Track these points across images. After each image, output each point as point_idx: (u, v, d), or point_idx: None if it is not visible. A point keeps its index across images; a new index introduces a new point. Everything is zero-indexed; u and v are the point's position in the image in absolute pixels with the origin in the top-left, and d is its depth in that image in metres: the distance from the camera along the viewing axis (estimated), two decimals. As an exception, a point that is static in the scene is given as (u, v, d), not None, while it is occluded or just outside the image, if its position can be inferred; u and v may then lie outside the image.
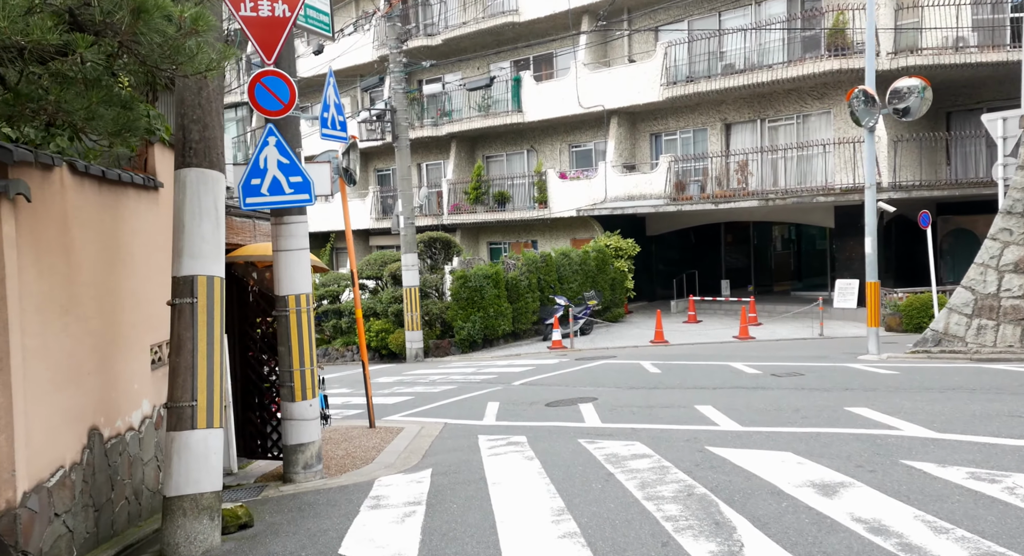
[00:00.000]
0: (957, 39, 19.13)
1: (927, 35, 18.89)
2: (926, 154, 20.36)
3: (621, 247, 22.18)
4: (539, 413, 10.04)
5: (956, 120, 21.23)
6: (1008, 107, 21.33)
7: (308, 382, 7.38)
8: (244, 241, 8.28)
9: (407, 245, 18.16)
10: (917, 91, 11.99)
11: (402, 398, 12.82)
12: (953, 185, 19.25)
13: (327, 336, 20.99)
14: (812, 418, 7.58)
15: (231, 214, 7.99)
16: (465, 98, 26.69)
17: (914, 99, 12.04)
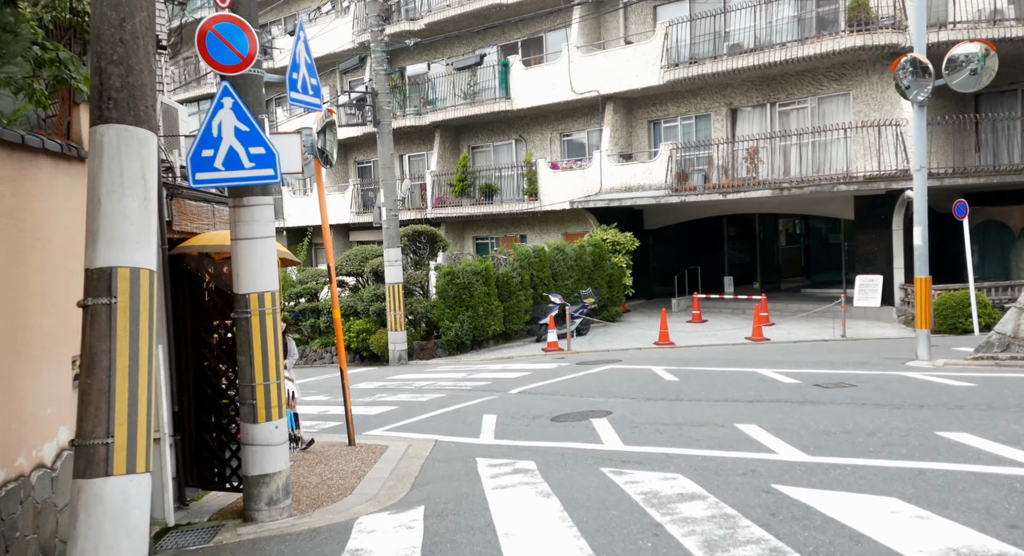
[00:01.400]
0: (994, 12, 17.76)
1: (960, 6, 17.48)
2: (954, 139, 19.07)
3: (618, 241, 20.82)
4: (545, 430, 8.62)
5: (986, 103, 19.79)
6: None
7: (274, 399, 5.92)
8: (200, 229, 6.80)
9: (389, 239, 16.67)
10: (977, 59, 10.65)
11: (385, 408, 11.35)
12: (989, 172, 17.90)
13: (305, 336, 19.44)
14: (898, 446, 6.19)
15: (184, 196, 6.51)
16: (450, 86, 25.18)
17: (970, 70, 10.70)
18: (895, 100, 18.11)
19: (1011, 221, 20.17)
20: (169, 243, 6.10)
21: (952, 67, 11.02)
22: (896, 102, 18.08)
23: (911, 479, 5.20)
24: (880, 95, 18.77)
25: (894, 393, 8.50)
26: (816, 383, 9.79)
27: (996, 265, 20.07)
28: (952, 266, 20.98)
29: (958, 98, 20.11)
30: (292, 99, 6.43)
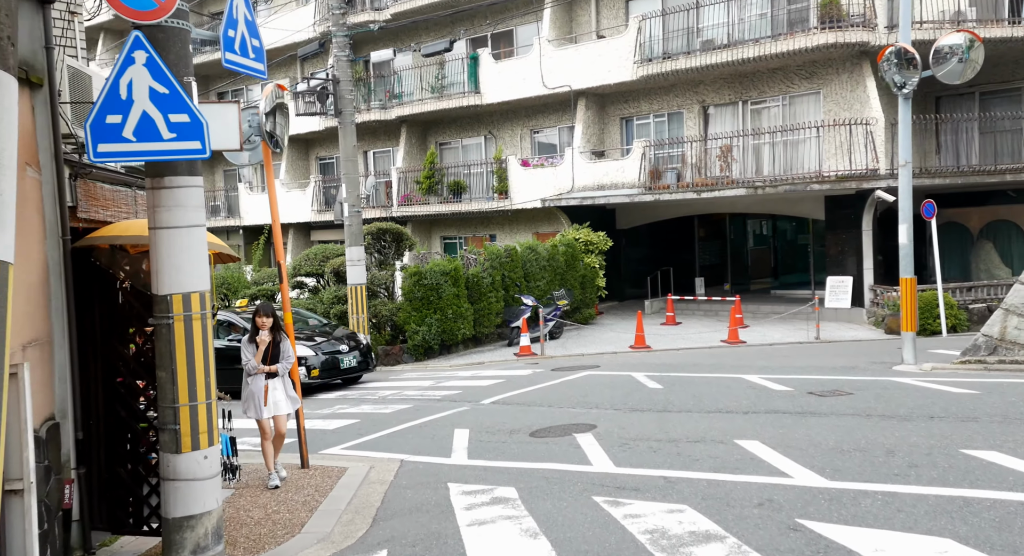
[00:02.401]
0: (957, 13, 17.49)
1: (926, 7, 17.17)
2: (916, 141, 18.66)
3: (591, 241, 20.03)
4: (524, 447, 7.75)
5: (946, 105, 19.65)
6: (1002, 92, 19.94)
7: (202, 422, 4.96)
8: (117, 217, 5.79)
9: (352, 237, 15.66)
10: (961, 50, 10.03)
11: (345, 422, 10.38)
12: (955, 173, 17.57)
13: (259, 343, 18.34)
14: (925, 468, 5.45)
15: (95, 177, 5.49)
16: (417, 79, 24.21)
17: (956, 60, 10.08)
18: (865, 99, 17.73)
19: (970, 223, 19.97)
20: (74, 234, 5.08)
21: (938, 58, 10.41)
22: (866, 101, 17.69)
23: (958, 512, 4.45)
24: (850, 94, 18.32)
25: (897, 402, 7.80)
26: (810, 391, 9.09)
27: (956, 266, 19.89)
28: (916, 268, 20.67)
29: (919, 100, 19.79)
30: (227, 62, 5.45)
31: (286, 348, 7.40)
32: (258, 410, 7.19)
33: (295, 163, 28.58)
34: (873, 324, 17.51)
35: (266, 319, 7.29)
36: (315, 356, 13.05)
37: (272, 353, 7.29)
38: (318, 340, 13.52)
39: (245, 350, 7.25)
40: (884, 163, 17.31)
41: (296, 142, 28.33)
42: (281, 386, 7.37)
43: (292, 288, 18.49)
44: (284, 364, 7.40)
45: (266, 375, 7.24)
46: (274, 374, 7.29)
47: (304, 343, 13.01)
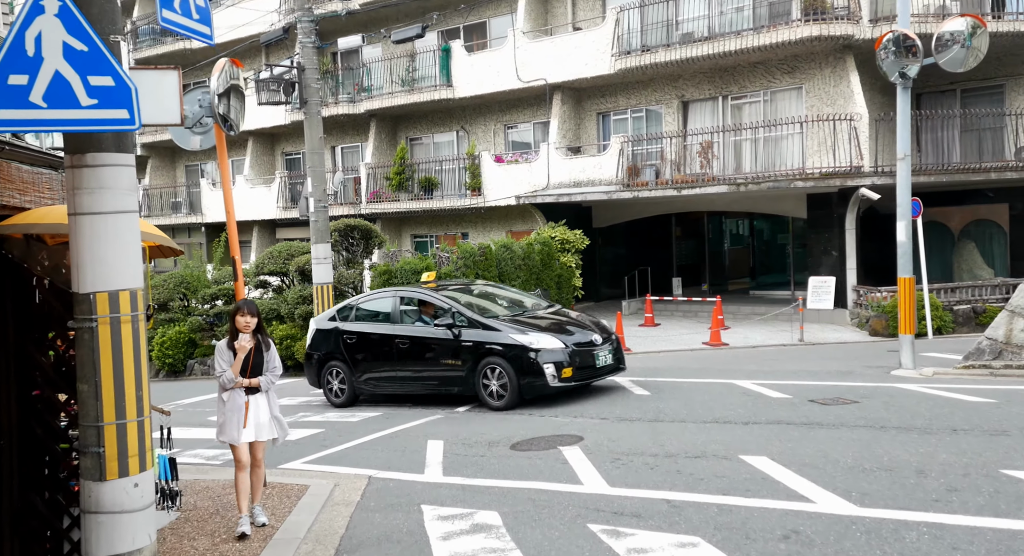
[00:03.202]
0: (941, 7, 17.16)
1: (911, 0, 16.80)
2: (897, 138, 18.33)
3: (568, 239, 19.35)
4: (505, 463, 7.05)
5: (927, 102, 19.33)
6: (984, 89, 19.67)
7: (132, 445, 4.19)
8: (37, 203, 4.97)
9: (318, 234, 14.80)
10: (963, 37, 9.53)
11: (309, 431, 9.59)
12: (939, 171, 17.19)
13: (218, 345, 17.42)
14: (967, 491, 4.84)
15: (8, 156, 4.68)
16: (387, 71, 23.38)
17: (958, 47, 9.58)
18: (848, 94, 17.33)
19: (951, 222, 19.70)
20: (-23, 221, 4.28)
21: (939, 45, 9.91)
22: (849, 96, 17.29)
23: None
24: (833, 89, 17.91)
25: (910, 412, 7.22)
26: (811, 398, 8.50)
27: (937, 267, 19.61)
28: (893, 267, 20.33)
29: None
30: (164, 21, 4.66)
31: (271, 357, 5.99)
32: (235, 432, 5.77)
33: (260, 158, 27.58)
34: (857, 326, 17.08)
35: (249, 319, 5.82)
36: (564, 350, 9.44)
37: (254, 362, 5.84)
38: (570, 329, 9.95)
39: (219, 358, 5.84)
40: (868, 160, 16.89)
41: (261, 136, 27.36)
42: (265, 404, 5.94)
43: (255, 288, 17.58)
44: (270, 377, 5.96)
45: (246, 390, 5.83)
46: (256, 389, 5.87)
47: (549, 333, 9.64)
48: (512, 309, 10.73)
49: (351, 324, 11.20)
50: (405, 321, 10.68)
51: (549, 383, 9.27)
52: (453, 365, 9.92)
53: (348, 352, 11.04)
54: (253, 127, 26.13)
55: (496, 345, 9.52)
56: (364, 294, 11.77)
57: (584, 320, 10.62)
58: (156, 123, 4.55)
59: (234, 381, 5.77)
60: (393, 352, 10.51)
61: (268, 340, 6.05)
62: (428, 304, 10.58)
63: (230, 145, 28.47)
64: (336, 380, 11.26)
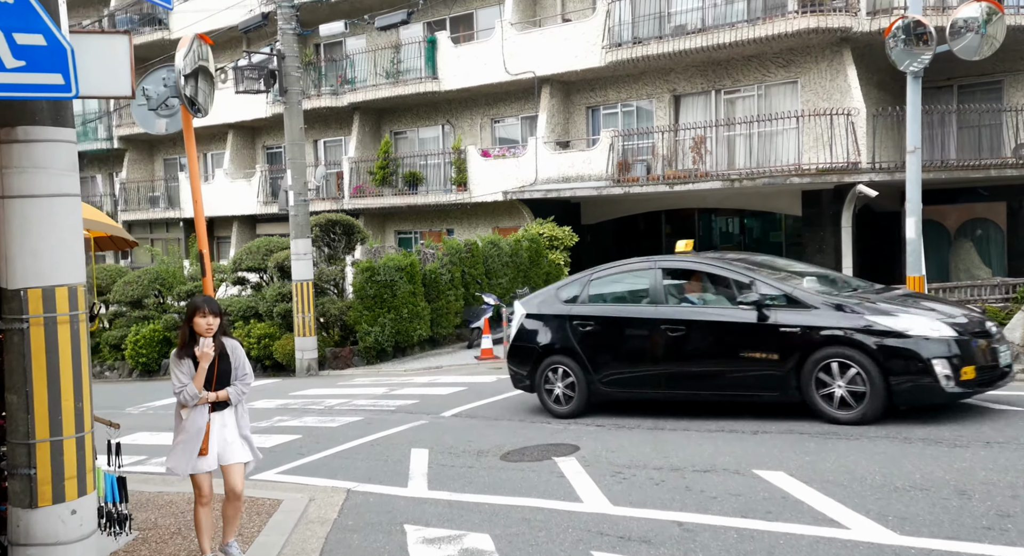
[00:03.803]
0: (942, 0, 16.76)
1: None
2: (891, 134, 17.99)
3: (556, 236, 18.84)
4: (496, 475, 6.51)
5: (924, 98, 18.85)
6: (981, 84, 19.31)
7: (69, 466, 3.61)
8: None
9: (298, 228, 14.20)
10: (978, 24, 9.09)
11: (284, 437, 8.99)
12: (938, 168, 16.80)
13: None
14: (1020, 516, 4.33)
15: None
16: (370, 63, 22.72)
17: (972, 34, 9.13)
18: (845, 88, 16.92)
19: (947, 221, 19.35)
20: None
21: (953, 32, 9.46)
22: (846, 91, 16.87)
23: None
24: (829, 83, 17.49)
25: (934, 421, 6.68)
26: (821, 405, 7.93)
27: (933, 266, 19.23)
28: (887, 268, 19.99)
29: (895, 91, 19.09)
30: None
31: (240, 362, 4.85)
32: (190, 458, 4.66)
33: (240, 152, 26.82)
34: (852, 325, 16.65)
35: (211, 319, 4.66)
36: (957, 339, 6.68)
37: (219, 370, 4.73)
38: (945, 311, 7.21)
39: (176, 371, 4.66)
40: (865, 156, 16.49)
41: (241, 130, 26.61)
42: (233, 421, 4.83)
43: (233, 284, 16.93)
44: (240, 386, 4.82)
45: (212, 406, 4.72)
46: (223, 404, 4.78)
47: (927, 314, 7.00)
48: (829, 285, 8.00)
49: (586, 307, 8.56)
50: (670, 301, 8.09)
51: (942, 386, 6.51)
52: (762, 360, 7.21)
53: (583, 344, 8.34)
54: (233, 120, 25.40)
55: (841, 331, 6.81)
56: (598, 268, 9.21)
57: (943, 299, 7.85)
58: (103, 95, 3.99)
59: (199, 396, 4.62)
60: (658, 343, 7.89)
61: (234, 342, 4.96)
62: (698, 279, 8.28)
63: (209, 138, 27.72)
64: (561, 382, 8.52)
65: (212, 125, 26.06)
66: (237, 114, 25.12)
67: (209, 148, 28.17)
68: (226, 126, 26.07)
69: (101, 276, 17.77)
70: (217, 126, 26.10)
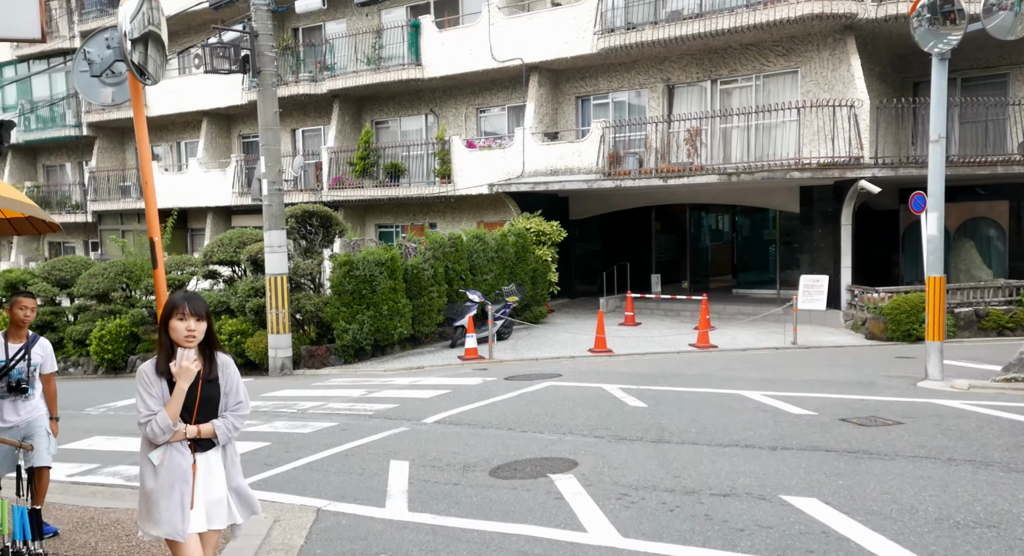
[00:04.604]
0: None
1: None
2: (892, 129, 17.39)
3: (544, 231, 18.09)
4: (485, 495, 5.76)
5: (924, 92, 18.30)
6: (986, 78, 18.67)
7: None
8: None
9: (272, 219, 13.34)
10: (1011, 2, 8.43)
11: (251, 445, 8.15)
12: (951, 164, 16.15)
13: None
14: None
15: None
16: (351, 49, 21.84)
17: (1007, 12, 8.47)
18: (848, 79, 16.29)
19: (947, 220, 18.67)
20: None
21: (986, 10, 8.82)
22: (850, 81, 16.24)
23: None
24: (831, 73, 16.86)
25: (977, 440, 6.07)
26: (841, 417, 7.32)
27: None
28: (883, 267, 19.47)
29: (896, 85, 18.58)
30: None
31: (231, 384, 3.55)
32: (175, 518, 3.35)
33: (215, 141, 25.83)
34: (851, 328, 16.09)
35: (194, 323, 3.39)
36: None
37: (203, 395, 3.45)
38: None
39: (143, 392, 3.38)
40: (868, 150, 15.87)
41: (216, 117, 25.63)
42: (219, 468, 3.50)
43: (204, 278, 16.03)
44: (232, 420, 3.50)
45: (193, 444, 3.43)
46: (206, 442, 3.46)
47: None
48: None
49: None
50: None
51: None
52: None
53: None
54: (207, 107, 24.47)
55: None
56: None
57: None
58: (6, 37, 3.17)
59: (173, 430, 3.35)
60: None
61: (226, 358, 3.58)
62: None
63: (183, 126, 26.72)
64: None
65: (185, 112, 25.11)
66: (211, 101, 24.21)
67: (182, 136, 27.18)
68: (200, 113, 25.12)
69: (65, 268, 16.79)
70: (190, 113, 25.15)
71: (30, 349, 5.33)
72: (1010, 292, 15.33)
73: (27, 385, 5.23)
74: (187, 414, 3.42)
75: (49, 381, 5.49)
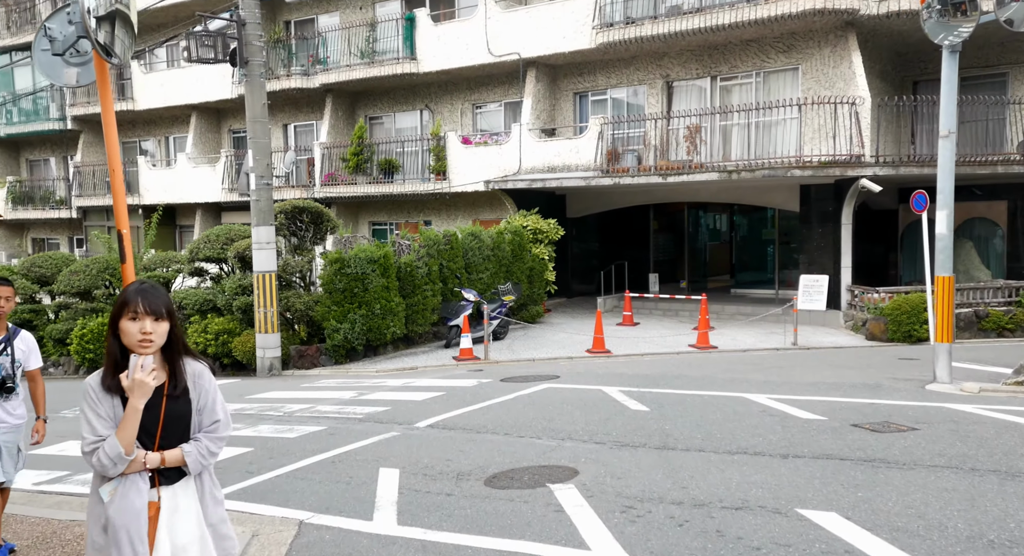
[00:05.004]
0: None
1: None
2: (892, 128, 17.09)
3: (541, 229, 17.73)
4: (480, 506, 5.40)
5: (923, 90, 18.05)
6: (985, 77, 18.38)
7: None
8: None
9: (260, 215, 12.94)
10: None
11: (233, 450, 7.76)
12: None
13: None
14: None
15: None
16: (344, 42, 21.44)
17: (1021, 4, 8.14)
18: (849, 76, 16.00)
19: None
20: None
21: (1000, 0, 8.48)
22: (851, 79, 15.95)
23: None
24: (832, 70, 16.56)
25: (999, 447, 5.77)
26: (853, 422, 6.99)
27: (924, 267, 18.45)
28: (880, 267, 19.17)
29: (898, 83, 18.30)
30: None
31: (208, 400, 2.93)
32: None
33: (204, 135, 25.38)
34: (851, 329, 15.78)
35: (148, 322, 2.76)
36: None
37: (167, 415, 2.83)
38: None
39: (88, 412, 2.76)
40: (869, 148, 15.56)
41: (205, 112, 25.18)
42: (192, 503, 2.88)
43: (190, 275, 15.62)
44: (206, 444, 2.88)
45: (154, 476, 2.81)
46: (174, 473, 2.84)
47: None
48: None
49: None
50: None
51: None
52: None
53: None
54: (197, 100, 24.02)
55: None
56: None
57: None
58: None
59: (127, 460, 2.70)
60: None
61: (199, 367, 2.94)
62: None
63: (171, 120, 26.23)
64: None
65: (174, 106, 24.64)
66: (201, 94, 23.76)
67: (171, 131, 26.70)
68: (189, 107, 24.66)
69: (45, 264, 16.33)
70: (179, 107, 24.68)
71: (11, 342, 4.90)
72: (1009, 293, 15.10)
73: (13, 382, 4.82)
74: (148, 438, 2.76)
75: (35, 378, 5.03)
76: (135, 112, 25.49)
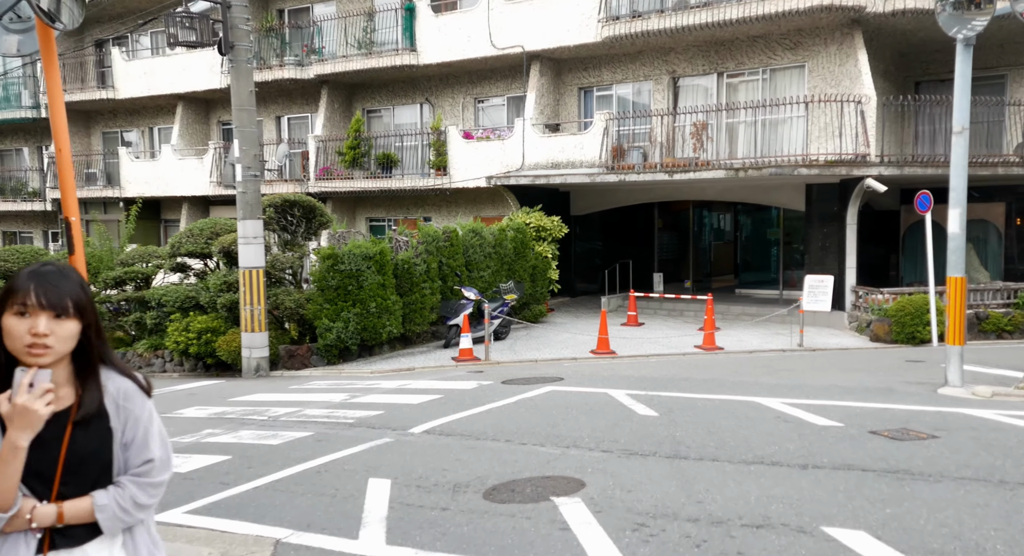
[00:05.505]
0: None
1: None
2: (893, 128, 16.61)
3: (544, 227, 17.22)
4: (478, 523, 4.89)
5: (924, 91, 17.54)
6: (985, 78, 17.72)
7: None
8: None
9: (247, 208, 12.39)
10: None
11: (208, 459, 7.20)
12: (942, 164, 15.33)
13: (128, 335, 14.85)
14: None
15: None
16: (340, 31, 20.89)
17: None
18: (855, 74, 15.59)
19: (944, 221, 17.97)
20: None
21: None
22: (857, 77, 15.54)
23: None
24: (838, 69, 16.12)
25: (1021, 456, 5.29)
26: (870, 429, 6.55)
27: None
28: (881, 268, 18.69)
29: (901, 83, 17.85)
30: None
31: (137, 430, 2.08)
32: None
33: (191, 127, 24.71)
34: (856, 330, 15.37)
35: (44, 320, 1.94)
36: None
37: (70, 454, 1.99)
38: None
39: None
40: (875, 148, 15.11)
41: (193, 102, 24.50)
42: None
43: (173, 271, 15.07)
44: (131, 489, 2.04)
45: (49, 538, 1.97)
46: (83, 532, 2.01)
47: None
48: None
49: None
50: None
51: None
52: None
53: None
54: (183, 90, 23.38)
55: None
56: None
57: None
58: None
59: (3, 517, 1.90)
60: None
61: (125, 384, 2.11)
62: None
63: (156, 110, 25.54)
64: None
65: (159, 95, 23.96)
66: (188, 84, 23.12)
67: (156, 122, 26.00)
68: (175, 97, 23.96)
69: (12, 258, 15.68)
70: (165, 96, 23.99)
71: None
72: (1008, 294, 14.78)
73: None
74: (42, 484, 1.97)
75: None
76: (116, 101, 24.79)
